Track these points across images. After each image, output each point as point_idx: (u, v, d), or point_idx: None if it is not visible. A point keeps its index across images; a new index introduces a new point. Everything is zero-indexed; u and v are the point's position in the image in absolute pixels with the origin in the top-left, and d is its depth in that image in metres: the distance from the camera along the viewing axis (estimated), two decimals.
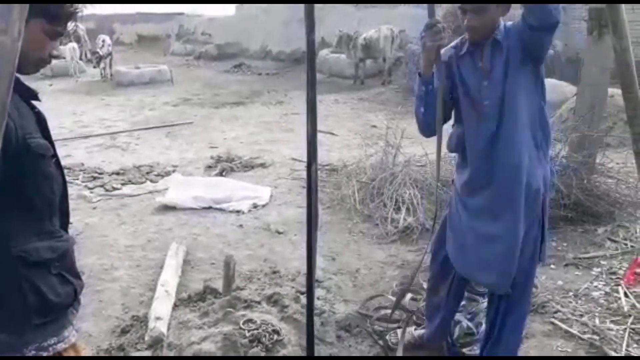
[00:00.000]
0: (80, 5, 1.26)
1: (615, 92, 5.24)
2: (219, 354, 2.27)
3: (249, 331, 2.36)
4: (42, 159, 1.23)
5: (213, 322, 2.50)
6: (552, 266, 3.31)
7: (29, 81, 1.27)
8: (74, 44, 13.35)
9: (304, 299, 2.73)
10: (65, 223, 1.36)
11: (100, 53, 12.60)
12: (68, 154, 5.99)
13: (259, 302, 2.66)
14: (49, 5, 1.19)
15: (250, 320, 2.43)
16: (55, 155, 1.29)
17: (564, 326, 2.66)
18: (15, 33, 0.89)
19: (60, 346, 1.28)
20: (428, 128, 2.08)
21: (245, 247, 3.73)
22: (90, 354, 2.38)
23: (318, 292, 2.97)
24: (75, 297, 1.33)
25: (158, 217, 4.27)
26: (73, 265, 1.35)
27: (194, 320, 2.57)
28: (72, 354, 1.32)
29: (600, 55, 4.23)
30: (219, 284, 2.94)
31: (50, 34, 1.23)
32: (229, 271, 2.87)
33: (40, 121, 1.28)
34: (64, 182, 1.34)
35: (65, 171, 4.88)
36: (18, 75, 1.19)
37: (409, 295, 2.87)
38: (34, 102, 1.29)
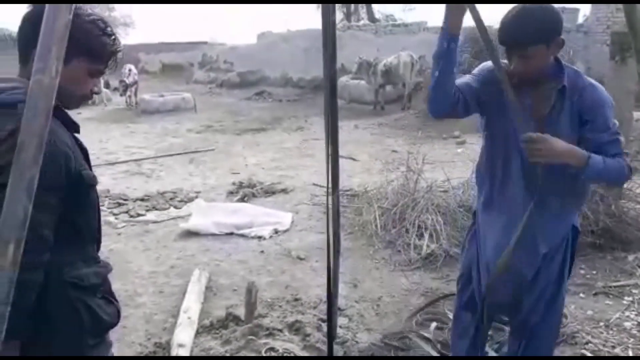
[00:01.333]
0: (121, 43, 1.33)
1: None
2: None
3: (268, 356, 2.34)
4: (91, 189, 1.30)
5: (235, 350, 2.49)
6: (582, 295, 3.22)
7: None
8: None
9: (326, 328, 2.70)
10: (99, 246, 1.43)
11: (127, 82, 12.98)
12: None
13: (280, 330, 2.65)
14: (92, 46, 1.25)
15: (272, 349, 2.42)
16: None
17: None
18: (53, 72, 0.94)
19: None
20: (436, 102, 1.81)
21: (267, 273, 3.73)
22: None
23: (340, 320, 2.94)
24: (118, 317, 1.40)
25: (181, 243, 4.31)
26: (111, 288, 1.41)
27: (216, 347, 2.57)
28: None
29: (623, 79, 4.20)
30: (241, 311, 2.94)
31: (92, 72, 1.30)
32: (251, 298, 2.87)
33: (83, 153, 1.35)
34: (99, 209, 1.41)
35: None
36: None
37: (433, 324, 2.82)
38: (76, 135, 1.36)
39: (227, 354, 2.47)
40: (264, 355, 2.37)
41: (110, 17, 30.33)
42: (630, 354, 2.60)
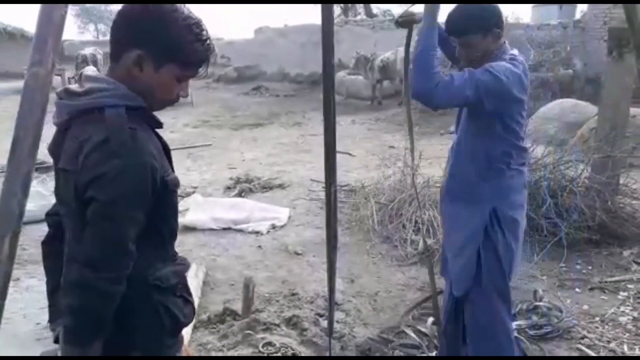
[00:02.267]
0: (214, 49, 1.28)
1: (638, 111, 5.18)
2: None
3: (268, 355, 2.35)
4: (172, 194, 1.28)
5: (232, 344, 2.49)
6: (577, 290, 3.24)
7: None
8: (93, 68, 13.57)
9: (323, 322, 2.71)
10: (175, 242, 1.43)
11: None
12: None
13: (278, 325, 2.65)
14: (184, 53, 1.20)
15: (269, 344, 2.42)
16: None
17: (591, 353, 2.58)
18: (49, 65, 0.93)
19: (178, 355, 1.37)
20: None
21: (264, 268, 3.73)
22: None
23: (337, 315, 2.94)
24: (194, 314, 1.40)
25: (179, 238, 4.21)
26: (187, 284, 1.41)
27: (213, 342, 2.57)
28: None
29: (621, 75, 4.20)
30: (238, 306, 2.94)
31: (180, 78, 1.25)
32: (248, 293, 2.87)
33: (166, 150, 1.32)
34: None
35: None
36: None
37: (430, 319, 2.83)
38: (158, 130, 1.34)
39: (225, 349, 2.48)
40: (260, 349, 2.38)
41: (107, 11, 30.13)
42: (626, 348, 2.61)
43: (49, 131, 1.03)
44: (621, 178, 4.12)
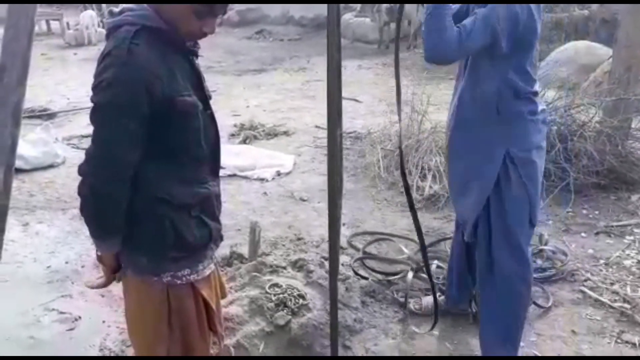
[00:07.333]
0: None
1: None
2: (245, 317, 2.31)
3: (274, 295, 2.39)
4: (188, 116, 1.32)
5: (240, 286, 2.54)
6: (583, 234, 3.24)
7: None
8: (92, 12, 13.16)
9: (328, 265, 2.74)
10: (216, 169, 1.48)
11: None
12: None
13: (284, 268, 2.69)
14: None
15: (276, 285, 2.46)
16: (208, 108, 1.41)
17: (593, 294, 2.62)
18: None
19: (193, 277, 1.42)
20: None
21: (270, 214, 3.75)
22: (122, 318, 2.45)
23: (342, 258, 2.98)
24: (210, 238, 1.45)
25: None
26: (213, 209, 1.46)
27: None
28: (204, 285, 1.46)
29: (639, 15, 4.01)
30: (244, 250, 2.98)
31: (198, 13, 1.28)
32: (255, 237, 2.89)
33: (198, 77, 1.40)
34: (217, 133, 1.45)
35: (89, 139, 4.88)
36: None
37: (435, 262, 2.85)
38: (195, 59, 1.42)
39: (232, 290, 2.52)
40: (267, 290, 2.42)
41: None
42: (628, 290, 2.64)
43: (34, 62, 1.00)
44: (633, 122, 4.03)
